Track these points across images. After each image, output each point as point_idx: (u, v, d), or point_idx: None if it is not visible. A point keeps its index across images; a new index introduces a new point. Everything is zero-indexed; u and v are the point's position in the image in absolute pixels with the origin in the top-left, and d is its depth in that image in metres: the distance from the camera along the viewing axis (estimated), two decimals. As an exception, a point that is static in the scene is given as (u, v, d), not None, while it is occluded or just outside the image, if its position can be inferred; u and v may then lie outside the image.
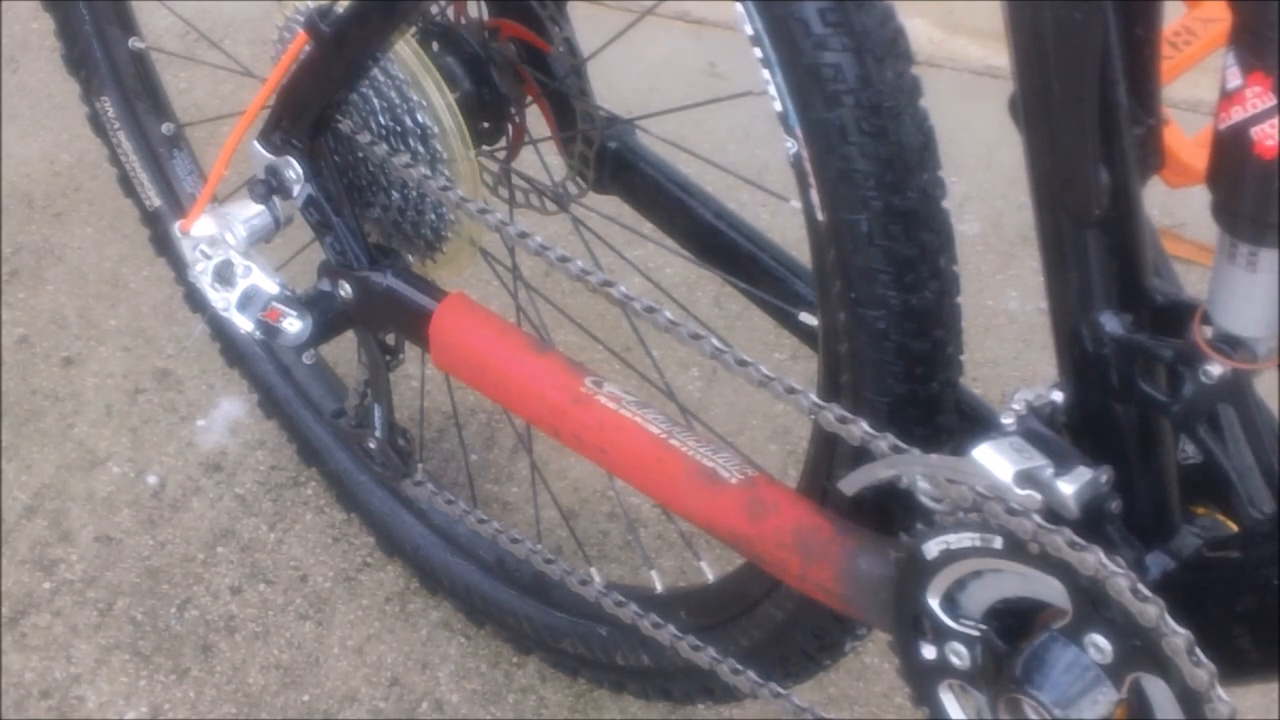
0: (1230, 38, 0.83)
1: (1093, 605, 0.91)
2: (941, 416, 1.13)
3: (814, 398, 1.05)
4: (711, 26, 2.56)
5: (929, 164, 1.07)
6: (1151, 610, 0.88)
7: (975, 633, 0.99)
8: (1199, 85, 1.68)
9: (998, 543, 0.95)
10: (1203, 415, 0.96)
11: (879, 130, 1.04)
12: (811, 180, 1.07)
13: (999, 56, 2.24)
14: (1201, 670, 0.88)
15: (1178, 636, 0.88)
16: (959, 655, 1.00)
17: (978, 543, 0.96)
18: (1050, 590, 0.95)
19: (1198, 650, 0.88)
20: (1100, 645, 0.92)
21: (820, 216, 1.08)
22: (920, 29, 2.46)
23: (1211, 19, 1.90)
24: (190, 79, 2.37)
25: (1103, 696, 0.94)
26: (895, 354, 1.09)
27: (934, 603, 1.00)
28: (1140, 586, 0.89)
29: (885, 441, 1.02)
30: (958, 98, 2.33)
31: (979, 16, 2.46)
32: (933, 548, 0.98)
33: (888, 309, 1.08)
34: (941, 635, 1.00)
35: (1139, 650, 0.90)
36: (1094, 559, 0.90)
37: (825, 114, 1.04)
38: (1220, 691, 0.88)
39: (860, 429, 1.02)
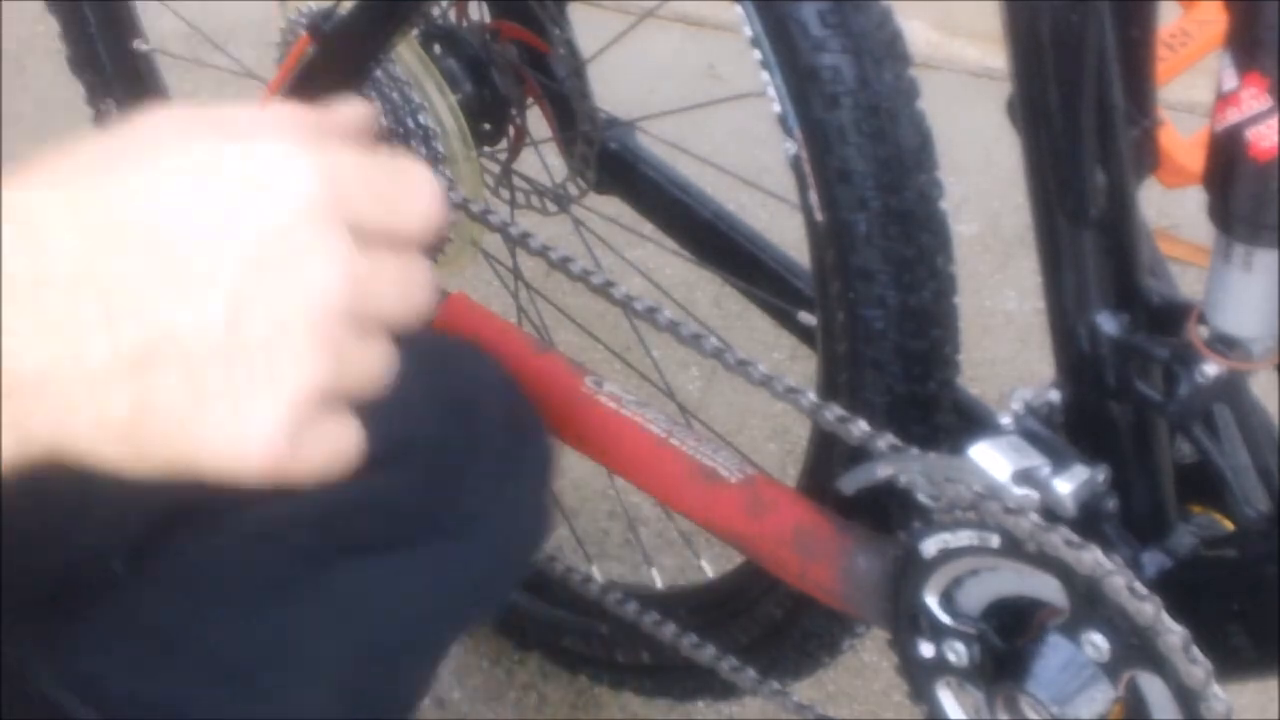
0: (1226, 39, 0.83)
1: (1090, 603, 0.92)
2: (939, 416, 1.13)
3: (813, 397, 1.05)
4: (711, 28, 2.56)
5: (927, 165, 1.08)
6: (1148, 608, 0.88)
7: (973, 630, 1.00)
8: (1195, 87, 1.68)
9: (995, 541, 0.95)
10: (1199, 415, 0.96)
11: (877, 131, 1.05)
12: (810, 181, 1.07)
13: (996, 58, 2.24)
14: (1198, 668, 0.88)
15: (1174, 634, 0.88)
16: (957, 653, 1.00)
17: (975, 541, 0.96)
18: (1048, 588, 0.95)
19: (1194, 648, 0.88)
20: (1097, 643, 0.93)
21: (819, 217, 1.08)
22: (918, 30, 2.46)
23: (1207, 21, 1.90)
24: (195, 81, 2.37)
25: (1100, 694, 0.94)
26: (893, 354, 1.10)
27: (932, 601, 1.01)
28: (1137, 584, 0.89)
29: (884, 441, 1.02)
30: (955, 99, 2.33)
31: (977, 18, 2.46)
32: (931, 546, 0.98)
33: (886, 309, 1.09)
34: (939, 633, 1.01)
35: (1136, 648, 0.91)
36: (1091, 557, 0.90)
37: (824, 115, 1.05)
38: (1216, 689, 0.89)
39: (859, 428, 1.02)
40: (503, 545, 0.95)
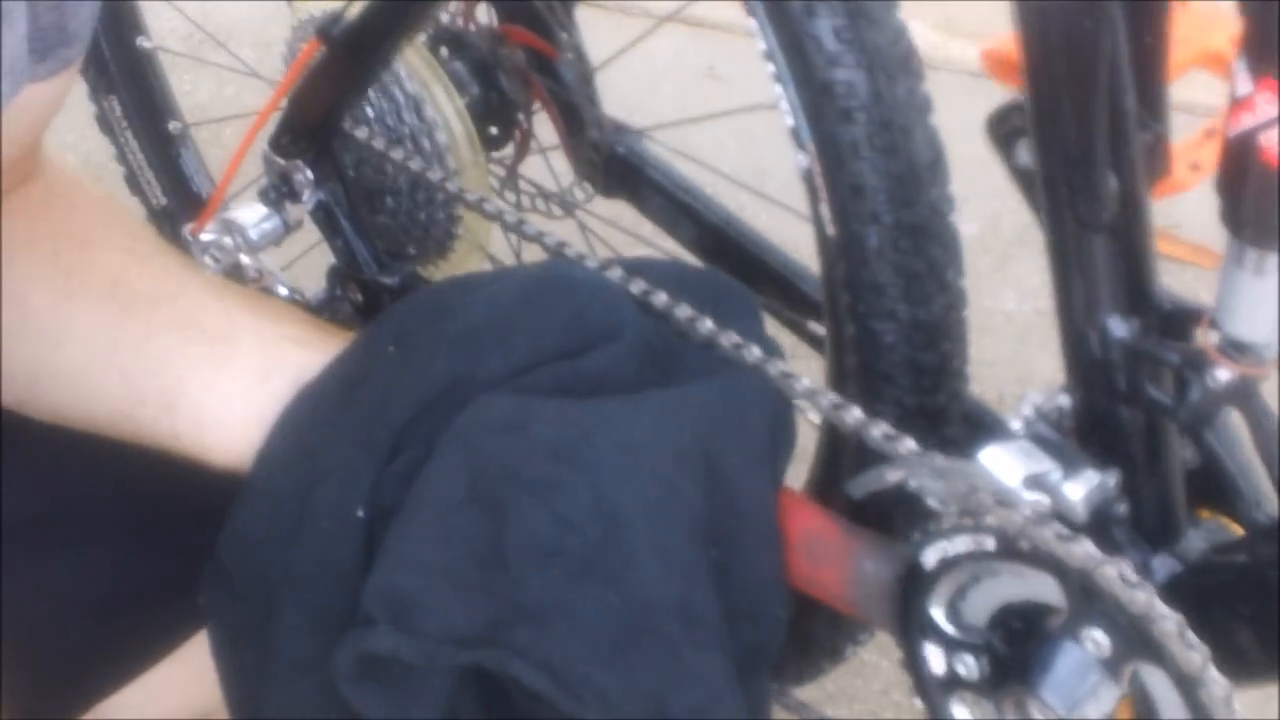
0: (1240, 44, 0.83)
1: (1086, 598, 0.90)
2: (948, 428, 1.13)
3: (833, 397, 1.05)
4: (711, 29, 2.56)
5: (939, 179, 1.08)
6: (1140, 596, 0.87)
7: (980, 641, 0.99)
8: (1193, 86, 1.69)
9: (991, 544, 0.94)
10: (1210, 420, 0.96)
11: (890, 146, 1.05)
12: (822, 194, 1.07)
13: (997, 59, 2.20)
14: (1194, 652, 0.86)
15: (1168, 620, 0.87)
16: (967, 666, 0.99)
17: (972, 546, 0.95)
18: (1048, 589, 0.95)
19: (1189, 632, 0.87)
20: (1097, 639, 0.91)
21: (830, 230, 1.08)
22: (919, 31, 2.46)
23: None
24: (195, 81, 2.37)
25: (1105, 691, 0.93)
26: (903, 367, 1.10)
27: (938, 614, 1.00)
28: (1128, 573, 0.88)
29: (904, 446, 1.02)
30: (956, 99, 2.32)
31: (977, 18, 2.46)
32: (930, 557, 0.97)
33: (896, 322, 1.08)
34: (949, 647, 1.00)
35: (1133, 639, 0.89)
36: (1082, 549, 0.89)
37: (837, 130, 1.04)
38: (1214, 673, 0.87)
39: (880, 430, 1.02)
40: (731, 384, 0.92)
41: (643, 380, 0.89)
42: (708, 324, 0.97)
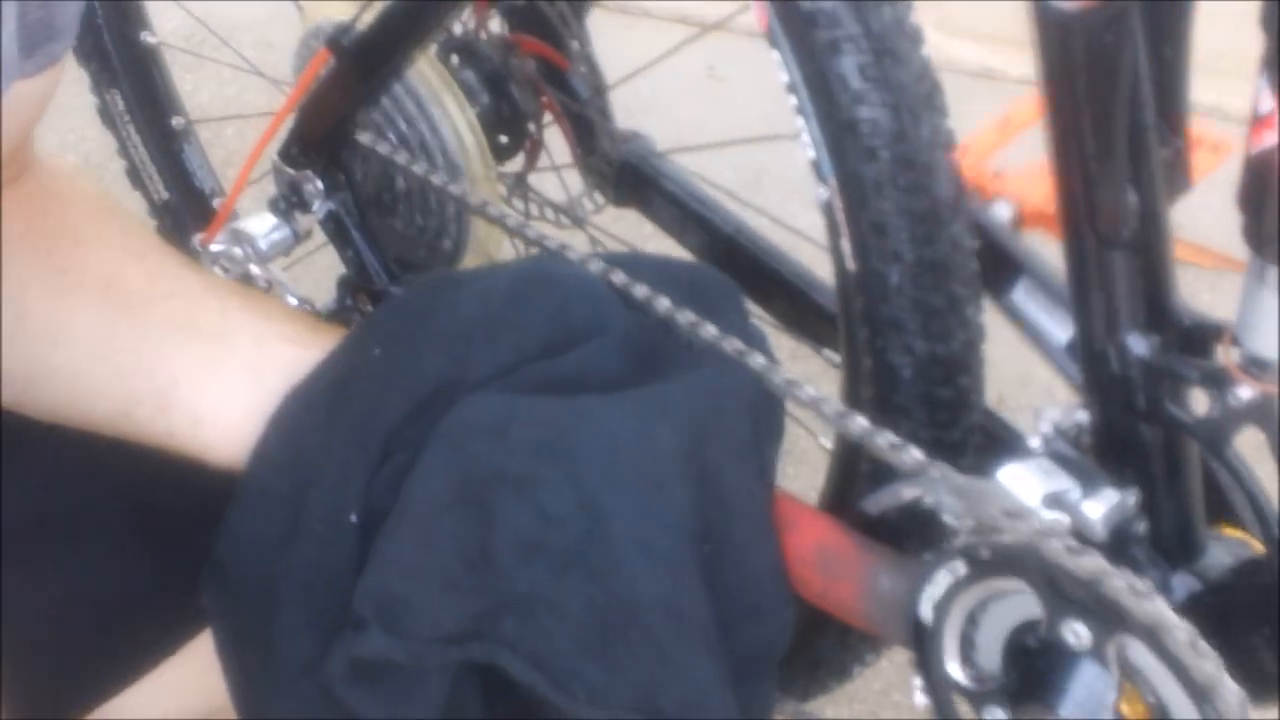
0: (1263, 62, 0.83)
1: (1051, 589, 0.88)
2: (964, 460, 1.13)
3: (864, 421, 1.04)
4: (711, 28, 2.56)
5: (961, 215, 1.07)
6: (1087, 561, 0.85)
7: (998, 686, 0.98)
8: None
9: (962, 568, 0.93)
10: (1230, 438, 0.96)
11: (913, 185, 1.04)
12: (843, 229, 1.06)
13: (996, 59, 2.22)
14: (1147, 601, 0.84)
15: (1116, 577, 0.84)
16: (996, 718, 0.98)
17: (950, 578, 0.94)
18: (1031, 603, 0.93)
19: (1139, 582, 0.84)
20: (1078, 631, 0.89)
21: (850, 265, 1.07)
22: (919, 31, 2.46)
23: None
24: (195, 81, 2.37)
25: (1101, 683, 0.91)
26: (919, 401, 1.09)
27: (954, 669, 0.98)
28: (1073, 541, 0.86)
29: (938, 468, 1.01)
30: (955, 100, 2.32)
31: (977, 19, 2.46)
32: (926, 610, 0.96)
33: (914, 357, 1.08)
34: (974, 701, 0.98)
35: (1101, 614, 0.86)
36: (1026, 526, 0.88)
37: (860, 168, 1.04)
38: (1173, 617, 0.84)
39: (912, 456, 1.01)
40: (709, 378, 0.90)
41: (626, 376, 0.88)
42: (690, 317, 0.96)
